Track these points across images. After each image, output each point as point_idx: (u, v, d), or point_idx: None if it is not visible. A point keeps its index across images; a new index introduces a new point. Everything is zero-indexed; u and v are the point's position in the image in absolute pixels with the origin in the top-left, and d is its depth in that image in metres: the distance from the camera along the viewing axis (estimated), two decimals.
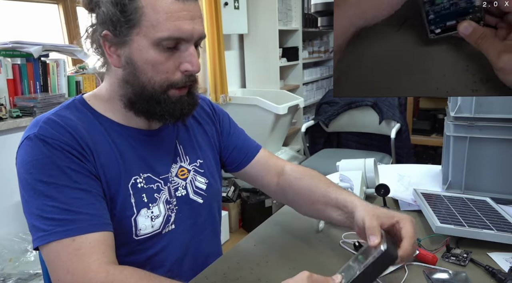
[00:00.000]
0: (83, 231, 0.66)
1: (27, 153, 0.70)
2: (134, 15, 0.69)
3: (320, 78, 3.71)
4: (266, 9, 2.93)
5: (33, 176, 0.68)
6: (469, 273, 0.77)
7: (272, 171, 0.97)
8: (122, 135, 0.78)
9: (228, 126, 1.00)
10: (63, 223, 0.66)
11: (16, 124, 1.64)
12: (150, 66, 0.72)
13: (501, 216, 0.95)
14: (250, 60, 3.12)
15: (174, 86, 0.74)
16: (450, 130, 1.13)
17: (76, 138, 0.71)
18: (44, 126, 0.71)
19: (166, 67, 0.72)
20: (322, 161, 2.73)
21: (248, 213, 2.71)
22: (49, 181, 0.67)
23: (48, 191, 0.67)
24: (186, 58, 0.73)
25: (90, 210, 0.68)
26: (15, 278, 1.50)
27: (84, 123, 0.75)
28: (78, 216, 0.67)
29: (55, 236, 0.65)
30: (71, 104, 0.78)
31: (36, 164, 0.68)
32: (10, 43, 1.66)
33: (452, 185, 1.16)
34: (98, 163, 0.73)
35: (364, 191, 1.11)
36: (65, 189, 0.67)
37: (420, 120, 3.44)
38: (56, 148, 0.69)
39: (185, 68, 0.73)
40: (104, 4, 0.70)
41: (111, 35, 0.71)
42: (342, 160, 1.21)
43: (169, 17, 0.69)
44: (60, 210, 0.66)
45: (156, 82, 0.73)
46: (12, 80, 1.68)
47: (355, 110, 2.89)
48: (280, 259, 0.87)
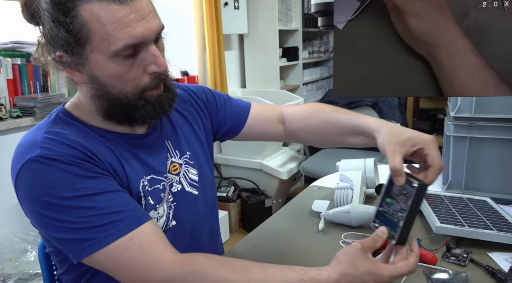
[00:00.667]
0: (134, 226, 0.65)
1: (36, 176, 0.66)
2: (81, 33, 0.64)
3: (320, 78, 3.71)
4: (266, 9, 2.93)
5: (55, 196, 0.64)
6: (469, 273, 0.77)
7: (273, 122, 0.98)
8: (119, 142, 0.76)
9: (214, 100, 0.98)
10: (112, 226, 0.64)
11: (16, 124, 1.64)
12: (116, 80, 0.68)
13: (501, 216, 0.95)
14: (250, 60, 3.12)
15: (146, 90, 0.71)
16: (450, 130, 1.13)
17: (81, 150, 0.68)
18: (46, 146, 0.67)
19: (132, 75, 0.69)
20: (322, 161, 2.73)
21: (248, 213, 2.71)
22: (76, 195, 0.65)
23: (79, 203, 0.64)
24: (149, 60, 0.69)
25: (128, 205, 0.68)
26: (15, 278, 1.50)
27: (80, 136, 0.72)
28: (123, 214, 0.66)
29: (108, 239, 0.64)
30: (57, 119, 0.74)
31: (53, 184, 0.65)
32: (10, 43, 1.66)
33: (452, 185, 1.16)
34: (110, 169, 0.72)
35: (364, 191, 1.11)
36: (96, 197, 0.66)
37: (420, 120, 3.44)
38: (69, 163, 0.66)
39: (151, 70, 0.69)
40: (48, 24, 0.65)
41: (65, 56, 0.67)
42: (342, 160, 1.21)
43: (118, 26, 0.64)
44: (102, 216, 0.64)
45: (128, 92, 0.70)
46: (12, 80, 1.68)
47: (355, 110, 2.88)
48: (280, 259, 0.87)
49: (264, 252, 0.90)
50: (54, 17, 0.64)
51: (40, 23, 0.67)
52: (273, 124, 0.98)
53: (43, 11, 0.65)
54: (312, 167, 2.63)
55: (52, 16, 0.64)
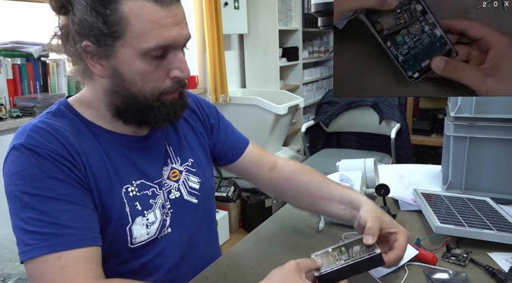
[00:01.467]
0: (69, 246, 0.63)
1: (13, 163, 0.67)
2: (118, 27, 0.65)
3: (320, 78, 3.71)
4: (266, 9, 2.93)
5: (19, 188, 0.65)
6: (469, 273, 0.77)
7: (265, 166, 0.98)
8: (111, 142, 0.76)
9: (217, 121, 0.98)
10: (48, 237, 0.62)
11: (16, 124, 1.64)
12: (139, 77, 0.69)
13: (501, 216, 0.95)
14: (250, 60, 3.12)
15: (165, 93, 0.72)
16: (450, 130, 1.13)
17: (65, 146, 0.68)
18: (31, 135, 0.68)
19: (155, 76, 0.70)
20: (322, 161, 2.73)
21: (248, 213, 2.71)
22: (35, 193, 0.64)
23: (33, 203, 0.64)
24: (175, 65, 0.71)
25: (77, 223, 0.65)
26: (15, 278, 1.50)
27: (73, 131, 0.72)
28: (64, 230, 0.63)
29: (39, 251, 0.62)
30: (57, 111, 0.75)
31: (22, 175, 0.65)
32: (10, 43, 1.66)
33: (452, 185, 1.16)
34: (89, 172, 0.71)
35: (364, 191, 1.11)
36: (50, 202, 0.64)
37: (420, 120, 3.44)
38: (45, 157, 0.66)
39: (174, 75, 0.71)
40: (82, 13, 0.66)
41: (93, 47, 0.67)
42: (342, 160, 1.21)
43: (154, 26, 0.66)
44: (45, 224, 0.63)
45: (147, 92, 0.71)
46: (12, 80, 1.68)
47: (355, 110, 2.89)
48: (280, 259, 0.86)
49: (264, 252, 0.90)
50: (93, 7, 0.65)
51: (70, 11, 0.67)
52: (264, 168, 0.97)
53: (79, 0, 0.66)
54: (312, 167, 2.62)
55: (91, 6, 0.65)
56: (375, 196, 1.13)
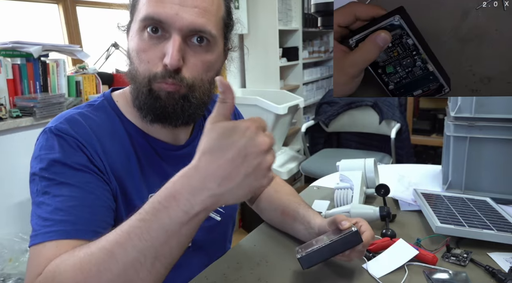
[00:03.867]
0: (65, 235, 0.59)
1: (39, 145, 0.66)
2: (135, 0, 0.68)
3: (320, 78, 3.71)
4: (266, 9, 2.93)
5: (39, 171, 0.63)
6: (469, 273, 0.77)
7: None
8: (146, 149, 0.73)
9: None
10: (50, 224, 0.60)
11: (16, 124, 1.64)
12: (135, 54, 0.66)
13: (501, 216, 0.95)
14: (250, 60, 3.12)
15: (155, 79, 0.65)
16: (450, 130, 1.13)
17: (94, 142, 0.66)
18: (64, 122, 0.67)
19: (148, 55, 0.65)
20: (322, 161, 2.73)
21: (248, 213, 2.71)
22: (51, 178, 0.62)
23: (48, 187, 0.62)
24: (166, 50, 0.64)
25: (82, 212, 0.61)
26: (15, 278, 1.50)
27: (110, 130, 0.70)
28: (67, 217, 0.60)
29: (38, 238, 0.59)
30: (99, 106, 0.73)
31: (43, 159, 0.64)
32: (10, 43, 1.66)
33: (452, 185, 1.16)
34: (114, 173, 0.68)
35: (364, 191, 1.11)
36: (64, 187, 0.62)
37: (420, 120, 3.44)
38: (70, 143, 0.64)
39: (164, 61, 0.64)
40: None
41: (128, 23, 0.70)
42: (342, 160, 1.21)
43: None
44: (52, 210, 0.60)
45: (140, 73, 0.66)
46: (12, 80, 1.68)
47: (355, 110, 2.89)
48: (280, 259, 0.86)
49: (264, 252, 0.90)
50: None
51: None
52: None
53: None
54: (312, 167, 2.63)
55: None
56: (375, 196, 1.13)
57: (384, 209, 0.97)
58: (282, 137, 3.07)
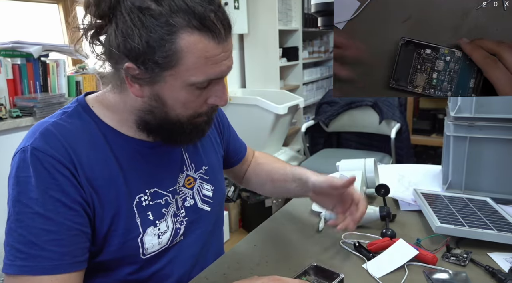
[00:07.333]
0: (42, 272, 0.61)
1: (16, 166, 0.66)
2: (171, 58, 0.62)
3: (320, 78, 3.71)
4: (266, 9, 2.93)
5: (15, 194, 0.64)
6: (469, 273, 0.77)
7: (245, 164, 1.07)
8: (126, 149, 0.73)
9: (228, 126, 1.00)
10: (24, 257, 0.62)
11: (16, 124, 1.64)
12: (180, 104, 0.68)
13: (501, 216, 0.95)
14: (250, 60, 3.12)
15: (199, 116, 0.72)
16: (450, 130, 1.13)
17: (70, 155, 0.66)
18: (39, 138, 0.66)
19: (196, 103, 0.69)
20: (322, 161, 2.73)
21: (248, 213, 2.71)
22: (27, 204, 0.63)
23: (22, 214, 0.63)
24: (216, 93, 0.70)
25: (57, 246, 0.63)
26: None
27: (86, 137, 0.70)
28: (42, 253, 0.62)
29: (14, 269, 0.62)
30: (74, 112, 0.72)
31: (20, 182, 0.64)
32: (10, 43, 1.66)
33: (452, 185, 1.16)
34: (92, 185, 0.68)
35: (364, 191, 1.11)
36: (37, 217, 0.62)
37: (420, 120, 3.44)
38: (46, 166, 0.64)
39: (213, 102, 0.71)
40: (128, 33, 0.61)
41: (137, 70, 0.64)
42: (342, 160, 1.21)
43: (207, 61, 0.64)
44: (26, 241, 0.62)
45: (184, 117, 0.70)
46: (12, 80, 1.68)
47: (355, 110, 2.89)
48: (280, 259, 0.87)
49: (264, 252, 0.90)
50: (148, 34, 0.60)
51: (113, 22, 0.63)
52: (244, 166, 1.07)
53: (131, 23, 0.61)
54: (312, 167, 2.60)
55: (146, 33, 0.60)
56: (375, 196, 1.13)
57: (384, 209, 0.97)
58: (282, 138, 3.07)
